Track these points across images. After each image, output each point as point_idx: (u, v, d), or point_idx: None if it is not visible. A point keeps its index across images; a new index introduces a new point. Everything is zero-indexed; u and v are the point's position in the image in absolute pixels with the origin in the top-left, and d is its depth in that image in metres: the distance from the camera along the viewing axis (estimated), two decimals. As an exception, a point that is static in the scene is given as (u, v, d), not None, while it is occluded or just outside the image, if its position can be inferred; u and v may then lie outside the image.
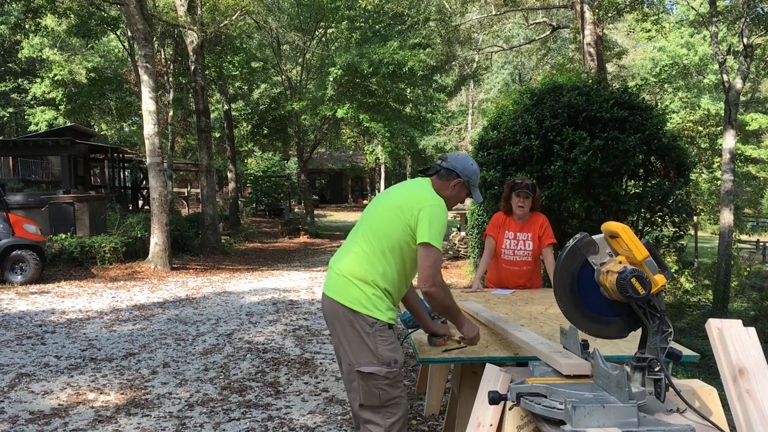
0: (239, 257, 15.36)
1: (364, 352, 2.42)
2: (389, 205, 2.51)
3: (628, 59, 28.18)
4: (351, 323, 2.43)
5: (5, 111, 27.01)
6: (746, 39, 12.12)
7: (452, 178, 2.58)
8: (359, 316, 2.42)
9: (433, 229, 2.37)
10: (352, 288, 2.46)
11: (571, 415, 1.56)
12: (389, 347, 2.42)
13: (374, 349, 2.40)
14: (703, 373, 5.31)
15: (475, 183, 2.62)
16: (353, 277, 2.46)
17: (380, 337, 2.41)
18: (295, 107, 20.12)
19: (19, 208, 11.61)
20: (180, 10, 14.96)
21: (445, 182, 2.58)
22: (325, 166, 37.85)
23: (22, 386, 4.62)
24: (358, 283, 2.45)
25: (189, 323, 6.98)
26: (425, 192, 2.51)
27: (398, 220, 2.44)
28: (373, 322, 2.41)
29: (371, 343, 2.41)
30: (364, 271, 2.45)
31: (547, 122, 5.87)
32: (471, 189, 2.61)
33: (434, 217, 2.40)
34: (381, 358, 2.40)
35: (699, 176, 22.42)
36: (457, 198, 2.61)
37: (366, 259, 2.46)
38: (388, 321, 2.44)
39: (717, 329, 1.61)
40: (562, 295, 1.83)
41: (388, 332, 2.43)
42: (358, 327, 2.42)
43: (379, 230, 2.48)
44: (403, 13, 19.58)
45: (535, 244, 4.08)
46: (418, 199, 2.45)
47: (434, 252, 2.37)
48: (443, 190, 2.56)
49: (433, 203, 2.44)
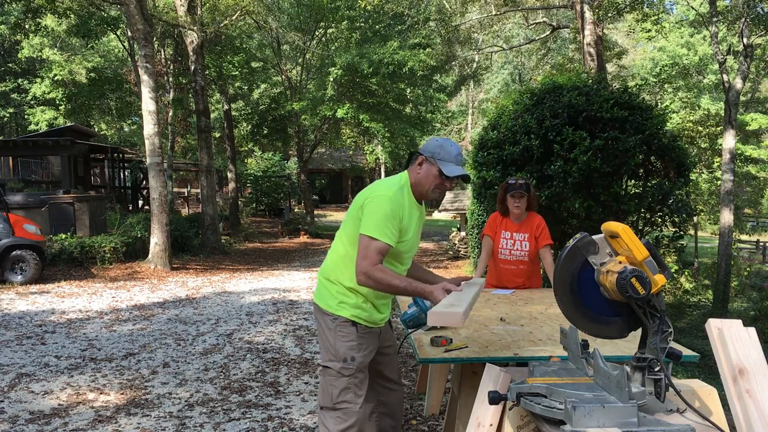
0: (239, 257, 15.37)
1: (325, 346, 2.48)
2: (353, 205, 2.51)
3: (628, 59, 28.18)
4: (319, 319, 2.52)
5: (5, 111, 27.01)
6: (746, 39, 12.13)
7: (417, 158, 2.49)
8: (324, 312, 2.49)
9: (370, 220, 2.33)
10: (321, 287, 2.56)
11: (571, 415, 1.56)
12: (348, 343, 2.42)
13: (333, 343, 2.44)
14: (703, 373, 5.31)
15: (445, 156, 2.43)
16: (323, 276, 2.56)
17: (340, 333, 2.43)
18: (295, 107, 20.12)
19: (19, 208, 11.61)
20: (180, 10, 14.97)
21: (414, 165, 2.50)
22: (325, 166, 37.85)
23: (22, 386, 4.62)
24: (325, 282, 2.53)
25: (189, 323, 6.98)
26: (378, 185, 2.49)
27: (355, 218, 2.44)
28: (334, 317, 2.45)
29: (331, 337, 2.45)
30: (330, 270, 2.53)
31: (547, 122, 5.87)
32: (439, 164, 2.42)
33: (375, 207, 2.35)
34: (337, 353, 2.42)
35: (699, 176, 22.43)
36: (428, 177, 2.45)
37: (333, 258, 2.53)
38: (351, 318, 2.44)
39: (717, 329, 1.61)
40: (562, 295, 1.83)
41: (349, 329, 2.44)
42: (323, 323, 2.49)
43: (344, 229, 2.51)
44: (403, 13, 19.59)
45: (531, 245, 4.09)
46: (369, 191, 2.44)
47: (366, 242, 2.32)
48: (413, 174, 2.49)
49: (377, 194, 2.39)
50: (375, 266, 2.30)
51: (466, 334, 2.77)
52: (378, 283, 2.32)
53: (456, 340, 2.63)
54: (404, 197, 2.44)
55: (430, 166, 2.44)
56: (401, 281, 2.33)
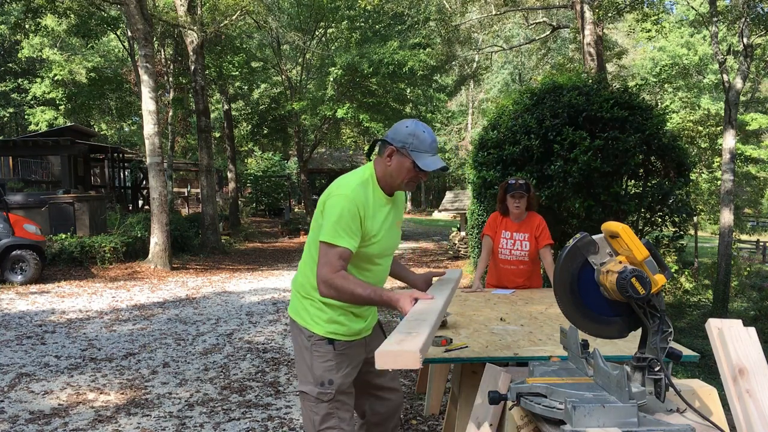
0: (239, 257, 15.36)
1: (301, 367, 2.25)
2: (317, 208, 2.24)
3: (628, 59, 28.19)
4: (296, 336, 2.28)
5: (5, 111, 27.01)
6: (746, 39, 12.13)
7: (385, 147, 2.18)
8: (298, 327, 2.26)
9: (327, 224, 2.08)
10: (295, 301, 2.32)
11: (571, 415, 1.56)
12: (324, 364, 2.18)
13: (309, 364, 2.21)
14: (703, 373, 5.31)
15: (418, 147, 2.12)
16: (295, 290, 2.33)
17: (316, 353, 2.20)
18: (295, 107, 20.12)
19: (19, 208, 11.61)
20: (180, 10, 14.97)
21: (382, 156, 2.19)
22: (325, 166, 37.81)
23: (22, 386, 4.62)
24: (297, 296, 2.30)
25: (189, 323, 6.98)
26: (339, 181, 2.20)
27: (317, 224, 2.19)
28: (309, 335, 2.22)
29: (308, 357, 2.22)
30: (300, 283, 2.30)
31: (547, 122, 5.87)
32: (413, 156, 2.12)
33: (330, 209, 2.09)
34: (314, 377, 2.19)
35: (699, 176, 22.44)
36: (401, 170, 2.15)
37: (303, 269, 2.29)
38: (326, 335, 2.20)
39: (717, 329, 1.61)
40: (562, 295, 1.83)
41: (325, 347, 2.19)
42: (299, 340, 2.25)
43: (312, 236, 2.25)
44: (403, 13, 19.58)
45: (531, 245, 4.08)
46: (327, 192, 2.18)
47: (324, 249, 2.06)
48: (381, 165, 2.19)
49: (335, 193, 2.12)
50: (336, 273, 2.04)
51: (466, 334, 2.77)
52: (340, 293, 2.05)
53: (456, 340, 2.63)
54: (368, 193, 2.15)
55: (401, 158, 2.14)
56: (365, 289, 2.04)
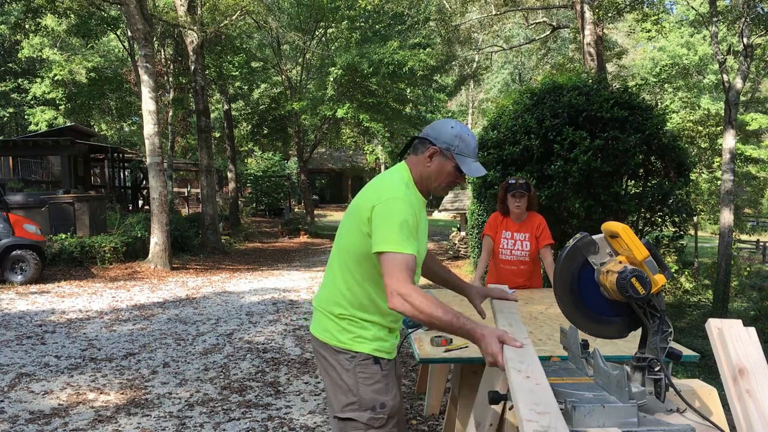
0: (239, 257, 15.36)
1: (344, 392, 1.97)
2: (350, 212, 2.04)
3: (628, 59, 28.19)
4: (329, 360, 2.01)
5: (5, 111, 27.00)
6: (746, 39, 12.13)
7: (425, 147, 2.02)
8: (335, 350, 1.99)
9: (388, 231, 1.85)
10: (325, 321, 2.04)
11: (571, 414, 1.56)
12: (374, 387, 1.95)
13: (354, 388, 1.95)
14: (703, 373, 5.31)
15: (463, 150, 2.00)
16: (324, 308, 2.06)
17: (362, 375, 1.95)
18: (295, 107, 20.13)
19: (19, 208, 11.61)
20: (180, 10, 14.97)
21: (420, 156, 2.03)
22: (325, 166, 37.87)
23: (22, 386, 4.62)
24: (329, 315, 2.03)
25: (189, 323, 6.98)
26: (383, 184, 1.99)
27: (356, 229, 1.96)
28: (352, 356, 1.97)
29: (350, 380, 1.96)
30: (332, 302, 2.03)
31: (547, 122, 5.88)
32: (456, 159, 2.00)
33: (387, 215, 1.87)
34: (362, 401, 1.94)
35: (699, 176, 22.44)
36: (441, 173, 2.02)
37: (334, 281, 2.03)
38: (373, 353, 1.97)
39: (717, 329, 1.61)
40: (562, 295, 1.83)
41: (372, 368, 1.96)
42: (335, 363, 1.99)
43: (342, 243, 2.03)
44: (403, 13, 19.59)
45: (532, 245, 4.09)
46: (372, 196, 1.95)
47: (390, 258, 1.83)
48: (419, 166, 2.03)
49: (386, 197, 1.90)
50: (410, 286, 1.80)
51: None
52: (417, 310, 1.78)
53: (456, 340, 2.63)
54: (413, 195, 1.99)
55: (444, 161, 2.00)
56: (446, 312, 1.78)
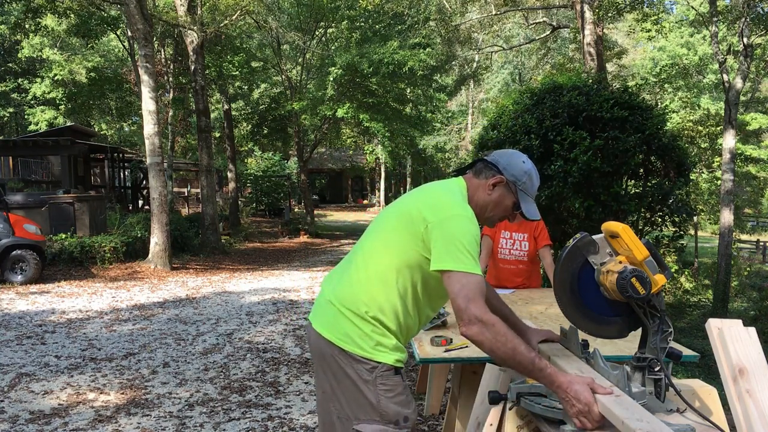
0: (239, 257, 15.36)
1: (362, 405, 1.83)
2: (399, 213, 1.89)
3: (628, 59, 28.19)
4: (343, 367, 1.85)
5: (5, 111, 27.00)
6: (746, 39, 12.13)
7: (491, 174, 1.91)
8: (353, 358, 1.83)
9: (456, 250, 1.71)
10: (343, 321, 1.86)
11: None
12: (396, 400, 1.83)
13: (375, 402, 1.82)
14: (703, 373, 5.31)
15: (528, 189, 1.91)
16: (345, 307, 1.87)
17: (383, 387, 1.82)
18: (295, 107, 20.12)
19: (19, 208, 11.60)
20: (180, 9, 14.96)
21: (482, 180, 1.92)
22: (325, 166, 37.89)
23: (22, 386, 4.62)
24: (351, 315, 1.85)
25: (189, 323, 6.98)
26: (446, 197, 1.84)
27: (406, 234, 1.82)
28: (372, 366, 1.82)
29: (371, 394, 1.82)
30: (359, 301, 1.85)
31: (547, 122, 5.88)
32: (519, 195, 1.90)
33: (456, 232, 1.74)
34: (385, 415, 1.82)
35: (699, 176, 22.45)
36: (499, 205, 1.92)
37: (364, 284, 1.87)
38: (395, 364, 1.84)
39: (717, 329, 1.61)
40: (562, 295, 1.83)
41: (394, 379, 1.84)
42: (351, 372, 1.83)
43: (383, 247, 1.88)
44: (403, 12, 19.59)
45: (531, 244, 4.11)
46: (435, 208, 1.80)
47: (461, 277, 1.68)
48: (479, 191, 1.91)
49: (453, 213, 1.77)
50: (490, 314, 1.66)
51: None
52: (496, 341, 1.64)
53: (456, 340, 2.63)
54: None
55: (507, 193, 1.91)
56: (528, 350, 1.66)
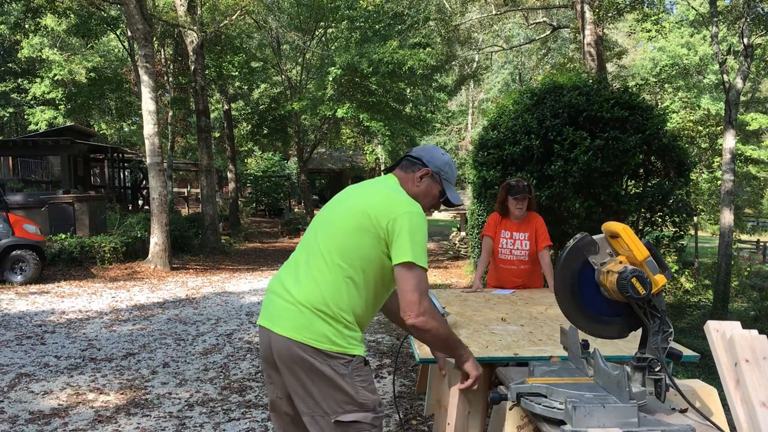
0: (239, 257, 15.36)
1: (339, 398, 1.95)
2: (353, 212, 2.00)
3: (628, 59, 28.21)
4: (318, 367, 1.93)
5: (5, 111, 26.99)
6: (746, 39, 12.12)
7: (417, 168, 2.12)
8: (329, 356, 1.94)
9: (414, 244, 1.89)
10: (318, 323, 1.94)
11: (571, 415, 1.56)
12: (370, 388, 2.00)
13: (354, 393, 1.95)
14: (703, 373, 5.30)
15: (450, 177, 2.14)
16: (317, 309, 1.94)
17: (358, 378, 1.97)
18: (295, 107, 20.11)
19: (19, 208, 11.60)
20: (180, 10, 14.96)
21: (410, 174, 2.12)
22: (325, 166, 37.87)
23: (22, 386, 4.62)
24: (325, 317, 1.94)
25: (189, 323, 6.97)
26: (397, 195, 2.02)
27: (366, 232, 1.94)
28: (348, 360, 1.95)
29: (350, 386, 1.95)
30: (330, 302, 1.95)
31: (547, 122, 5.88)
32: (444, 184, 2.13)
33: (414, 227, 1.91)
34: (365, 404, 1.97)
35: (699, 176, 22.46)
36: (427, 195, 2.12)
37: (331, 285, 1.96)
38: (363, 354, 2.03)
39: (716, 331, 1.61)
40: (563, 295, 1.83)
41: (365, 369, 2.01)
42: (327, 370, 1.94)
43: (344, 247, 1.97)
44: (403, 12, 19.58)
45: (531, 244, 4.09)
46: (391, 205, 1.96)
47: (417, 272, 1.88)
48: (408, 184, 2.10)
49: (409, 210, 1.94)
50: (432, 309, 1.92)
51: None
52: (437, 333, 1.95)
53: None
54: None
55: (433, 184, 2.12)
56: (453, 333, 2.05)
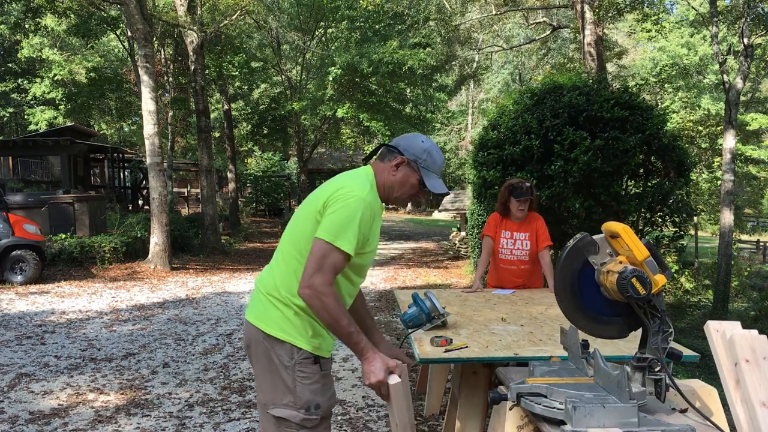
0: (239, 257, 15.35)
1: (278, 389, 1.92)
2: (309, 201, 2.02)
3: (628, 59, 28.21)
4: (268, 352, 1.94)
5: (5, 111, 26.99)
6: (746, 39, 12.12)
7: (393, 156, 2.04)
8: (275, 342, 1.93)
9: (336, 223, 1.85)
10: (269, 308, 1.97)
11: (571, 415, 1.56)
12: (311, 387, 1.92)
13: (291, 386, 1.91)
14: (703, 373, 5.31)
15: (429, 165, 2.04)
16: (269, 293, 1.99)
17: (301, 373, 1.91)
18: (295, 107, 20.11)
19: (19, 208, 11.60)
20: (180, 10, 14.96)
21: (386, 163, 2.05)
22: (325, 166, 37.85)
23: (22, 386, 4.62)
24: (274, 301, 1.96)
25: (189, 323, 6.97)
26: (348, 180, 1.98)
27: (312, 217, 1.94)
28: (294, 351, 1.92)
29: (289, 378, 1.91)
30: (280, 287, 1.96)
31: (547, 122, 5.88)
32: (422, 172, 2.03)
33: (343, 208, 1.87)
34: (298, 400, 1.90)
35: (699, 176, 22.47)
36: (404, 184, 2.04)
37: (283, 272, 1.98)
38: (314, 351, 1.94)
39: (716, 331, 1.61)
40: (563, 295, 1.83)
41: (311, 367, 1.93)
42: (274, 357, 1.93)
43: (295, 234, 1.99)
44: (403, 12, 19.58)
45: (532, 244, 4.09)
46: (332, 188, 1.95)
47: (324, 248, 1.83)
48: (384, 173, 2.04)
49: (348, 193, 1.90)
50: (330, 286, 1.84)
51: (466, 334, 2.77)
52: (324, 311, 1.83)
53: (456, 340, 2.63)
54: (375, 199, 2.00)
55: (410, 172, 2.04)
56: (349, 323, 1.87)
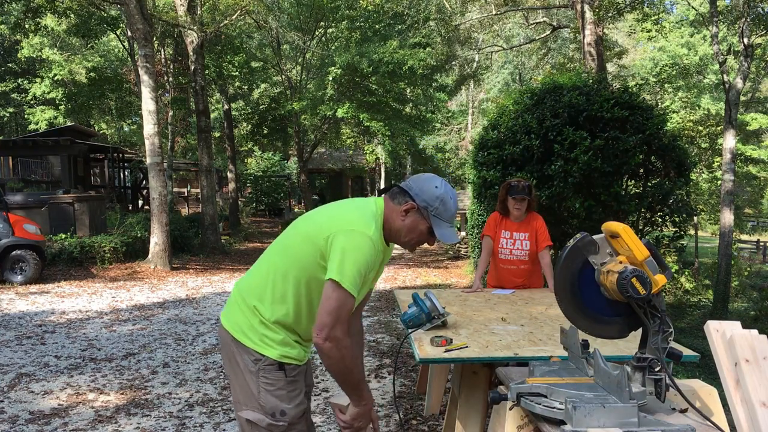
0: (239, 257, 15.35)
1: (245, 392, 1.95)
2: (310, 222, 1.98)
3: (628, 59, 28.19)
4: (236, 356, 1.96)
5: (5, 111, 26.98)
6: (746, 39, 12.12)
7: (404, 200, 1.95)
8: (242, 347, 1.94)
9: (346, 264, 1.78)
10: (238, 312, 1.99)
11: (571, 415, 1.56)
12: (276, 394, 1.92)
13: (256, 393, 1.93)
14: (703, 373, 5.31)
15: (441, 214, 1.94)
16: (241, 298, 2.01)
17: (265, 380, 1.92)
18: (295, 107, 20.11)
19: (19, 208, 11.60)
20: (180, 9, 14.96)
21: (396, 205, 1.96)
22: (325, 166, 37.85)
23: (22, 386, 4.62)
24: (243, 307, 1.98)
25: (189, 323, 6.97)
26: (352, 214, 1.91)
27: (309, 240, 1.90)
28: (257, 358, 1.92)
29: (254, 385, 1.93)
30: (254, 295, 1.97)
31: (547, 122, 5.88)
32: (432, 221, 1.94)
33: (351, 247, 1.80)
34: (264, 407, 1.92)
35: (699, 176, 22.47)
36: (412, 231, 1.95)
37: (263, 280, 1.97)
38: (279, 359, 1.92)
39: (716, 331, 1.61)
40: (563, 295, 1.83)
41: (276, 374, 1.92)
42: (241, 361, 1.95)
43: (289, 250, 1.96)
44: (403, 12, 19.59)
45: (532, 244, 4.09)
46: (338, 221, 1.88)
47: (340, 294, 1.78)
48: (393, 215, 1.96)
49: (353, 229, 1.83)
50: (347, 338, 1.81)
51: (466, 334, 2.77)
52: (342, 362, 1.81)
53: (456, 340, 2.63)
54: (380, 239, 1.94)
55: (419, 219, 1.95)
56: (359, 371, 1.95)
